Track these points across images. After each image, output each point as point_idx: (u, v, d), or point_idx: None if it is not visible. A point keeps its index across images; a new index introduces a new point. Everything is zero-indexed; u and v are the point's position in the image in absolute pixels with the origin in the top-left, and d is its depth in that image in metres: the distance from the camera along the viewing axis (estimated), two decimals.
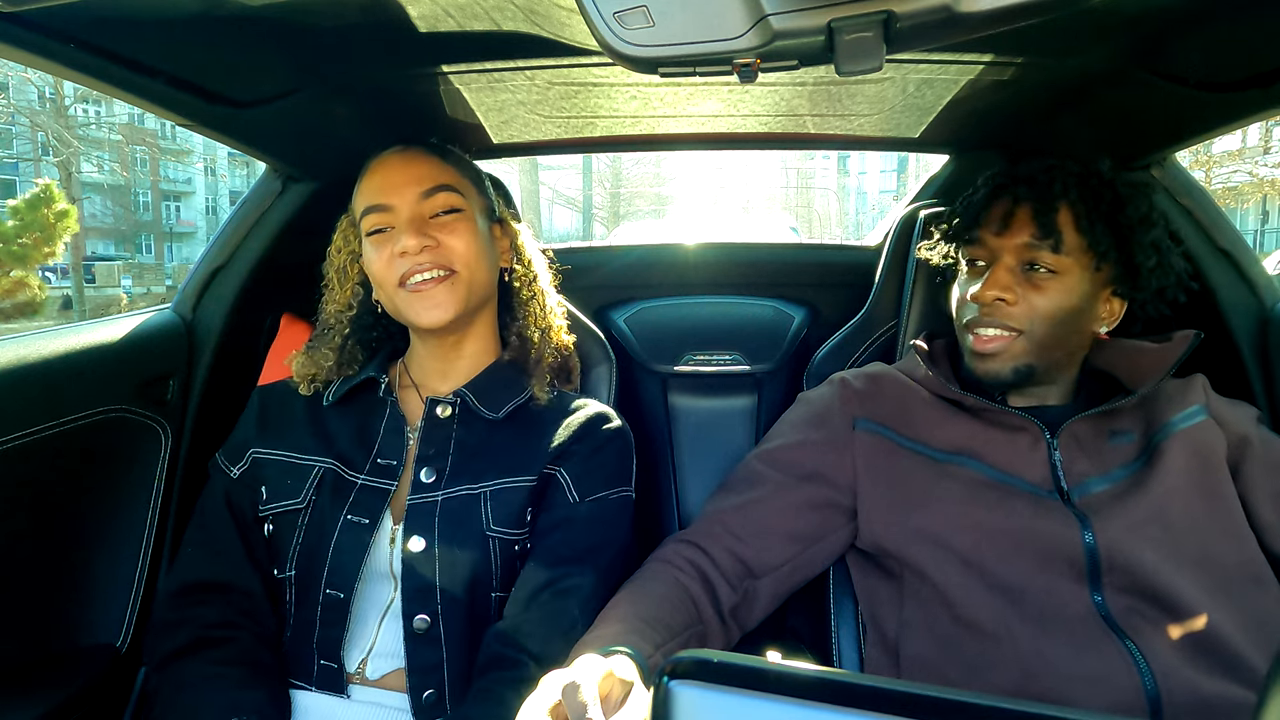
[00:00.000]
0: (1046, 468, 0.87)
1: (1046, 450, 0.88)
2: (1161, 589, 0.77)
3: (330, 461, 0.87)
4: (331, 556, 0.82)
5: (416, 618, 0.81)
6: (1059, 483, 0.86)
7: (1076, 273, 0.86)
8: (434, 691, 0.80)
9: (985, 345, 0.88)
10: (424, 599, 0.81)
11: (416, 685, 0.80)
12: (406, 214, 0.87)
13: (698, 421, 1.44)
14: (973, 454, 0.89)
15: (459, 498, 0.85)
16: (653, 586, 0.83)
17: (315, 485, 0.86)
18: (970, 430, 0.91)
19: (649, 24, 0.48)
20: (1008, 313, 0.87)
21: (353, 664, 0.82)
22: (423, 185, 0.88)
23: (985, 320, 0.88)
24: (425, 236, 0.86)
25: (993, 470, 0.87)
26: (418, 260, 0.85)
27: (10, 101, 16.16)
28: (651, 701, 0.36)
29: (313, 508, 0.85)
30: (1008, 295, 0.86)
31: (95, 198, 21.42)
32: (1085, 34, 0.83)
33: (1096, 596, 0.79)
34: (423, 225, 0.87)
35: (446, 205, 0.89)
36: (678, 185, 29.72)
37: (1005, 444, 0.89)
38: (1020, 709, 0.33)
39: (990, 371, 0.89)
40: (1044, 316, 0.86)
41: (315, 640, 0.82)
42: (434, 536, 0.83)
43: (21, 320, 11.28)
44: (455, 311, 0.87)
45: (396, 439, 0.90)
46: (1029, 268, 0.87)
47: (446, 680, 0.80)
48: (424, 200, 0.88)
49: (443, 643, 0.81)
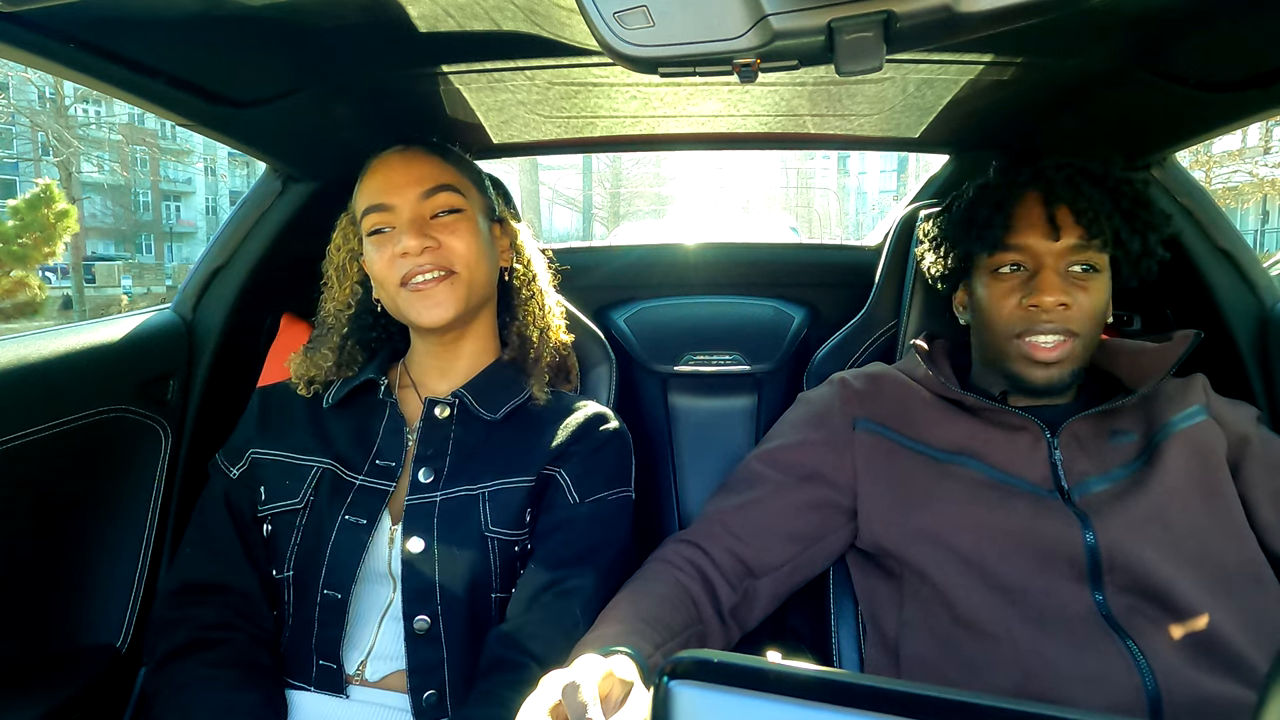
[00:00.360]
0: (1047, 467, 0.87)
1: (1047, 450, 0.88)
2: (1162, 588, 0.77)
3: (329, 462, 0.87)
4: (329, 557, 0.82)
5: (416, 618, 0.81)
6: (1059, 482, 0.86)
7: (1106, 269, 0.88)
8: (435, 692, 0.80)
9: (1049, 353, 0.87)
10: (424, 599, 0.81)
11: (417, 686, 0.80)
12: (408, 214, 0.87)
13: (698, 421, 1.44)
14: (973, 454, 0.89)
15: (457, 498, 0.85)
16: (653, 586, 0.83)
17: (314, 485, 0.86)
18: (971, 430, 0.91)
19: (649, 24, 0.48)
20: (1066, 317, 0.86)
21: (352, 665, 0.82)
22: (423, 185, 0.88)
23: (1044, 327, 0.86)
24: (426, 237, 0.86)
25: (993, 470, 0.87)
26: (419, 261, 0.86)
27: (10, 101, 16.16)
28: (651, 701, 0.36)
29: (311, 508, 0.86)
30: (1067, 299, 0.86)
31: (95, 198, 21.42)
32: (1085, 34, 0.83)
33: (1097, 596, 0.79)
34: (424, 226, 0.87)
35: (447, 205, 0.89)
36: (678, 185, 29.74)
37: (1006, 444, 0.89)
38: (1020, 709, 0.33)
39: (1053, 378, 0.88)
40: (1092, 316, 0.87)
41: (314, 640, 0.82)
42: (433, 537, 0.83)
43: (21, 320, 11.28)
44: (456, 311, 0.87)
45: (395, 440, 0.90)
46: (1081, 269, 0.87)
47: (448, 681, 0.80)
48: (425, 200, 0.88)
49: (443, 643, 0.81)
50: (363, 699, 0.81)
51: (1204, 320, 1.08)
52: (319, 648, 0.82)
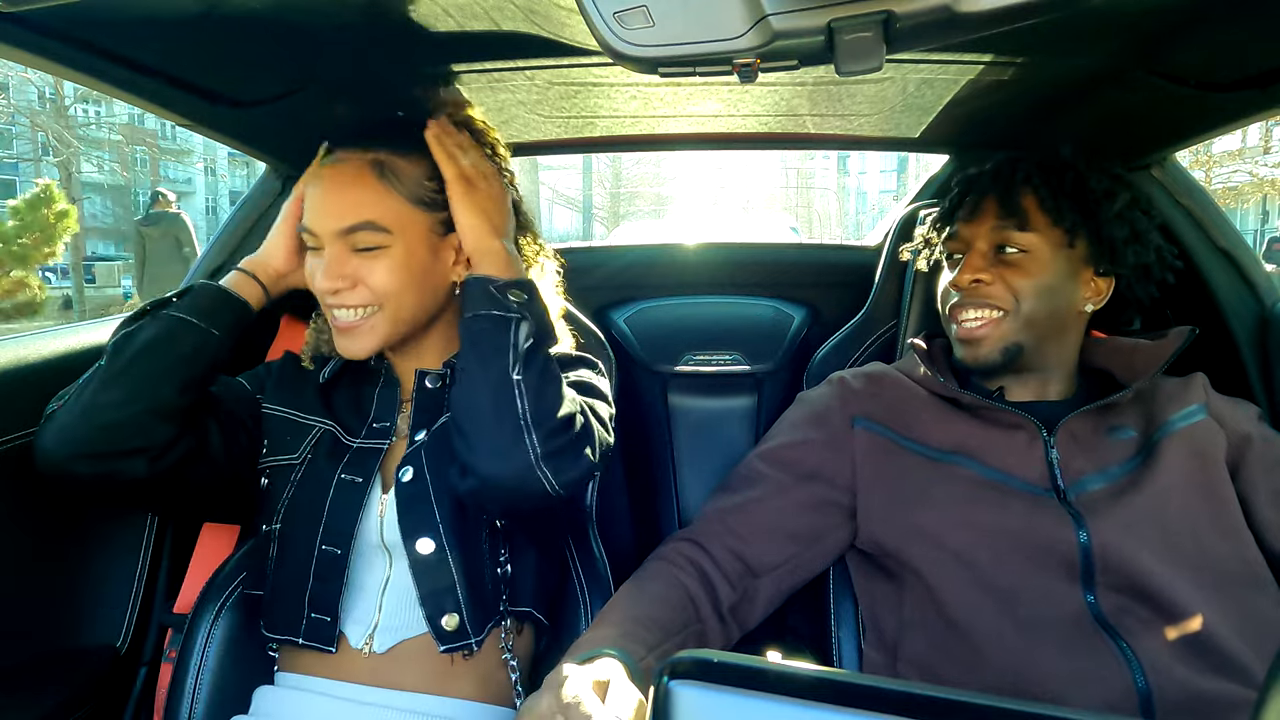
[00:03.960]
0: (1043, 465, 0.87)
1: (1043, 448, 0.88)
2: (1155, 589, 0.77)
3: (330, 424, 0.89)
4: (327, 515, 0.84)
5: (420, 540, 0.82)
6: (1055, 481, 0.86)
7: (1048, 249, 0.89)
8: (454, 614, 0.81)
9: (971, 331, 0.90)
10: (424, 523, 0.82)
11: (435, 612, 0.81)
12: (328, 248, 0.84)
13: (698, 421, 1.44)
14: (970, 453, 0.89)
15: (444, 427, 0.86)
16: (651, 586, 0.83)
17: (313, 444, 0.88)
18: (968, 429, 0.91)
19: (649, 24, 0.48)
20: (986, 293, 0.89)
21: (358, 639, 0.82)
22: (343, 221, 0.82)
23: (967, 303, 0.91)
24: (340, 278, 0.82)
25: (990, 469, 0.87)
26: (337, 299, 0.84)
27: (10, 101, 16.15)
28: (651, 701, 0.36)
29: (307, 464, 0.87)
30: (984, 276, 0.89)
31: (95, 198, 21.42)
32: (1085, 34, 0.83)
33: (1089, 596, 0.79)
34: (343, 260, 0.83)
35: (366, 244, 0.83)
36: (678, 185, 29.77)
37: (1002, 442, 0.89)
38: (1020, 709, 0.33)
39: (980, 357, 0.90)
40: (1023, 293, 0.89)
41: (307, 594, 0.82)
42: (422, 463, 0.84)
43: (21, 320, 11.28)
44: (378, 343, 0.85)
45: (390, 401, 0.92)
46: (1001, 250, 0.90)
47: (462, 603, 0.81)
48: (344, 236, 0.83)
49: (450, 564, 0.82)
50: (372, 700, 0.81)
51: (1204, 319, 1.07)
52: (313, 601, 0.82)
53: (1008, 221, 0.89)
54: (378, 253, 0.83)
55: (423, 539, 0.82)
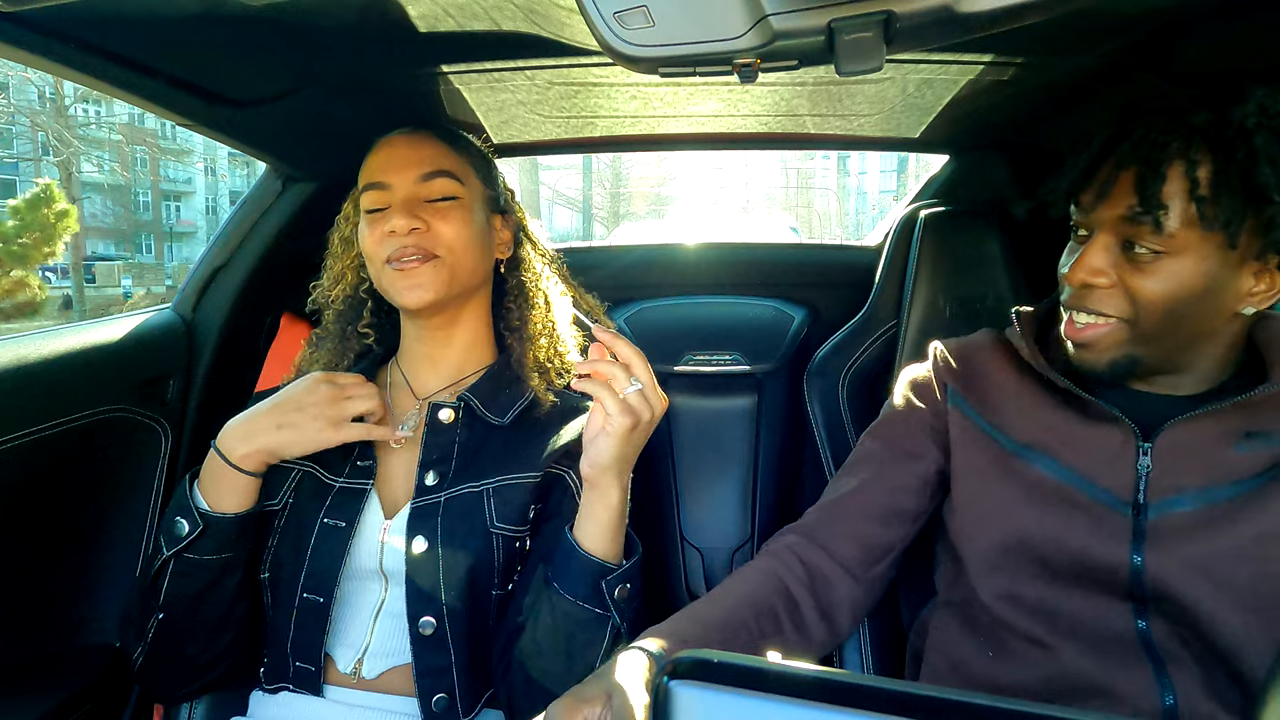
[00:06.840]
0: (1130, 474, 0.75)
1: (1134, 454, 0.75)
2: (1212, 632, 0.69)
3: (308, 464, 0.87)
4: (310, 560, 0.82)
5: (422, 620, 0.80)
6: (1138, 495, 0.74)
7: (1196, 250, 0.68)
8: (445, 695, 0.80)
9: (1079, 332, 0.75)
10: (428, 601, 0.81)
11: (427, 689, 0.79)
12: (402, 194, 0.87)
13: (698, 421, 1.44)
14: (1047, 448, 0.79)
15: (462, 496, 0.85)
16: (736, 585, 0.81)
17: (294, 488, 0.86)
18: (1053, 420, 0.80)
19: (649, 24, 0.48)
20: (1100, 298, 0.73)
21: (347, 664, 0.82)
22: (423, 168, 0.88)
23: (1077, 304, 0.75)
24: (415, 219, 0.85)
25: (1066, 470, 0.78)
26: (404, 242, 0.85)
27: (10, 101, 16.16)
28: (651, 701, 0.36)
29: (289, 510, 0.86)
30: (1099, 280, 0.72)
31: (95, 198, 21.42)
32: (1085, 34, 0.83)
33: (1140, 622, 0.73)
34: (416, 208, 0.86)
35: (443, 192, 0.88)
36: (678, 185, 29.75)
37: (1089, 440, 0.77)
38: (1020, 709, 0.33)
39: (1085, 362, 0.76)
40: (1149, 303, 0.70)
41: (289, 644, 0.82)
42: (436, 537, 0.82)
43: (21, 320, 11.28)
44: (436, 294, 0.86)
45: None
46: (1130, 246, 0.71)
47: (457, 684, 0.80)
48: (421, 183, 0.87)
49: (450, 645, 0.80)
50: (365, 704, 0.81)
51: None
52: (295, 650, 0.82)
53: (1144, 216, 0.68)
54: (449, 205, 0.88)
55: (425, 618, 0.80)
